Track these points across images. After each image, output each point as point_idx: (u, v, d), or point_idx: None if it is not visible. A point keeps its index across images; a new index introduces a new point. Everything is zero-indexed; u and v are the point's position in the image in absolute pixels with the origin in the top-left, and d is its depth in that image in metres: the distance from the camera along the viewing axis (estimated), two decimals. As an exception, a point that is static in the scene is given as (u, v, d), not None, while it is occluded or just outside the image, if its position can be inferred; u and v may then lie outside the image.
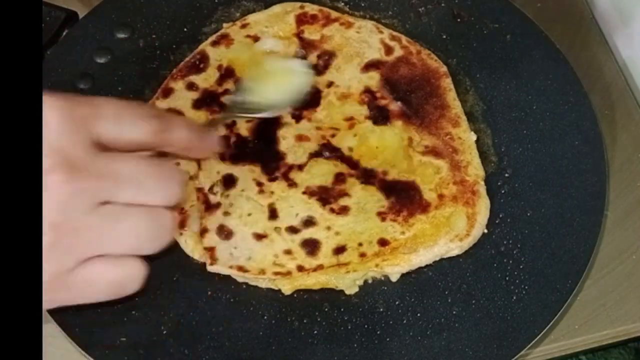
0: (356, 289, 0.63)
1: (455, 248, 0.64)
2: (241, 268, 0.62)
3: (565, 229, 0.64)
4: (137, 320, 0.60)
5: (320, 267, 0.62)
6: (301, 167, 0.67)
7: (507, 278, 0.63)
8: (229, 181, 0.66)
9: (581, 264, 0.63)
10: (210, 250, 0.63)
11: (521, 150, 0.70)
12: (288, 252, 0.63)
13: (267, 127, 0.69)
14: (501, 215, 0.66)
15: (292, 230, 0.64)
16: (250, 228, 0.64)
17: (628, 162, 0.76)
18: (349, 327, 0.61)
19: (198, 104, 0.71)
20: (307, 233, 0.64)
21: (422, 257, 0.63)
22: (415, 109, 0.71)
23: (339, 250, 0.63)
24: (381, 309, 0.62)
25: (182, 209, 0.65)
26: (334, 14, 0.77)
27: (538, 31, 0.76)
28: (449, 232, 0.64)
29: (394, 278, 0.63)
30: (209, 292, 0.63)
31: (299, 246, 0.63)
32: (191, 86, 0.72)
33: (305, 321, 0.62)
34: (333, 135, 0.69)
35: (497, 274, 0.63)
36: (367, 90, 0.72)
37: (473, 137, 0.70)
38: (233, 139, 0.69)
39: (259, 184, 0.66)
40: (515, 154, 0.69)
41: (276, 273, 0.62)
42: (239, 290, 0.63)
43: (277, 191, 0.66)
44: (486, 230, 0.65)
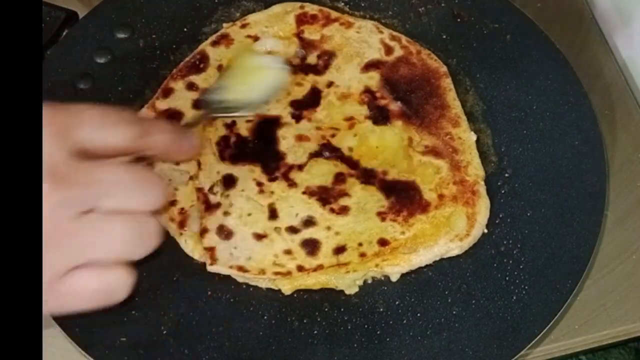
0: (356, 289, 0.63)
1: (455, 248, 0.64)
2: (241, 268, 0.62)
3: (565, 229, 0.64)
4: (137, 320, 0.60)
5: (320, 267, 0.62)
6: (301, 167, 0.67)
7: (507, 278, 0.63)
8: (229, 181, 0.66)
9: (581, 264, 0.63)
10: (210, 250, 0.63)
11: (521, 150, 0.70)
12: (288, 252, 0.63)
13: (267, 127, 0.69)
14: (501, 215, 0.66)
15: (292, 230, 0.64)
16: (250, 228, 0.64)
17: (628, 162, 0.76)
18: (349, 327, 0.61)
19: (198, 104, 0.71)
20: (307, 233, 0.64)
21: (422, 257, 0.63)
22: (415, 109, 0.71)
23: (339, 250, 0.63)
24: (381, 309, 0.62)
25: (182, 209, 0.65)
26: (334, 14, 0.77)
27: (538, 31, 0.76)
28: (449, 232, 0.64)
29: (394, 278, 0.63)
30: (209, 292, 0.63)
31: (299, 246, 0.63)
32: (191, 86, 0.72)
33: (305, 321, 0.62)
34: (333, 135, 0.69)
35: (497, 274, 0.63)
36: (367, 90, 0.72)
37: (473, 137, 0.70)
38: (233, 139, 0.69)
39: (259, 184, 0.66)
40: (515, 154, 0.69)
41: (276, 273, 0.62)
42: (239, 290, 0.63)
43: (277, 191, 0.66)
44: (486, 230, 0.65)
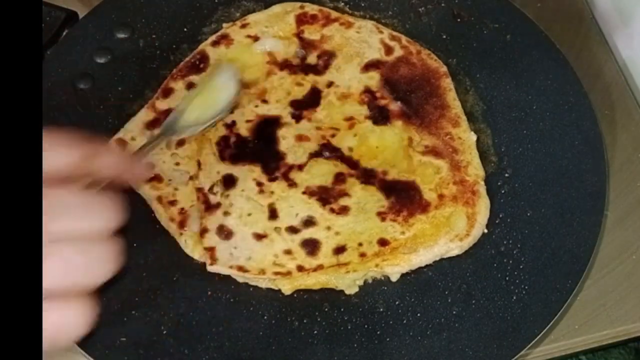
0: (356, 289, 0.63)
1: (455, 248, 0.64)
2: (241, 268, 0.62)
3: (565, 229, 0.64)
4: (137, 320, 0.60)
5: (320, 267, 0.62)
6: (301, 167, 0.67)
7: (507, 278, 0.63)
8: (229, 181, 0.66)
9: (581, 264, 0.63)
10: (210, 250, 0.63)
11: (521, 150, 0.70)
12: (288, 252, 0.63)
13: (267, 127, 0.69)
14: (501, 215, 0.66)
15: (292, 230, 0.64)
16: (250, 228, 0.64)
17: (628, 162, 0.76)
18: (349, 327, 0.61)
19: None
20: (307, 233, 0.64)
21: (422, 257, 0.63)
22: (415, 109, 0.71)
23: (339, 250, 0.63)
24: (381, 309, 0.62)
25: (182, 209, 0.65)
26: (334, 14, 0.77)
27: (538, 31, 0.76)
28: (449, 232, 0.64)
29: (394, 278, 0.63)
30: (209, 292, 0.63)
31: (299, 246, 0.63)
32: (191, 86, 0.72)
33: (305, 321, 0.62)
34: (333, 135, 0.69)
35: (497, 274, 0.63)
36: (367, 90, 0.72)
37: (473, 137, 0.70)
38: (233, 139, 0.69)
39: (259, 184, 0.66)
40: (515, 154, 0.69)
41: (276, 273, 0.62)
42: (239, 290, 0.63)
43: (277, 191, 0.66)
44: (486, 230, 0.65)
